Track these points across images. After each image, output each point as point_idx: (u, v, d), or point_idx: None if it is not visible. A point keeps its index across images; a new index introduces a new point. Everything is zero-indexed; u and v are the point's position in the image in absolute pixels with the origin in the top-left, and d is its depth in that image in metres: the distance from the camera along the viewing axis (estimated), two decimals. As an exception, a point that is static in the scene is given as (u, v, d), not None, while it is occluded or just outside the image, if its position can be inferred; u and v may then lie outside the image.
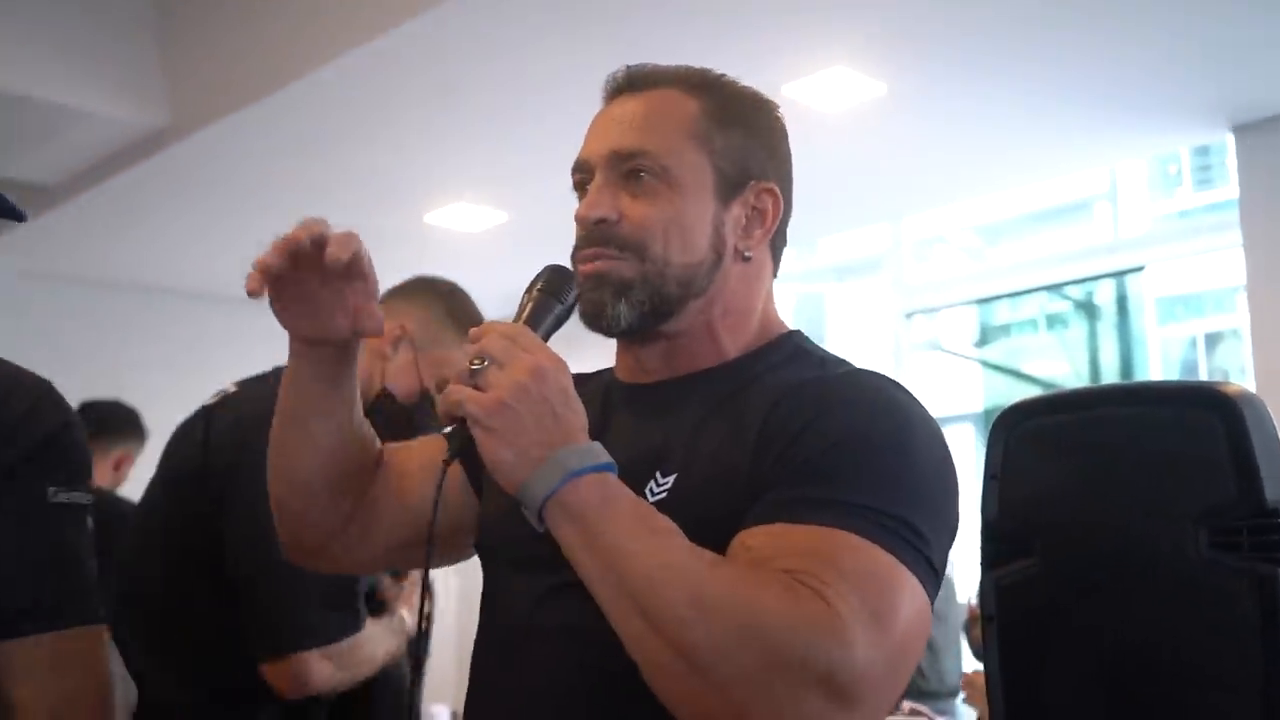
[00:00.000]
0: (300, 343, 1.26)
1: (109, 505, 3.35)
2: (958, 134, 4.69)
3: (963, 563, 4.31)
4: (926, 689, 4.45)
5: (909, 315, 6.30)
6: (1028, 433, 1.28)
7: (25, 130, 4.78)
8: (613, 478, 1.08)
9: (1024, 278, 6.21)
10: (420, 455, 1.38)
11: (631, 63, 1.36)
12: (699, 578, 1.01)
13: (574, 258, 1.26)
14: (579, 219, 1.25)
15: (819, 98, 4.28)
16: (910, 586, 1.05)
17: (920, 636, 1.07)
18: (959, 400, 8.07)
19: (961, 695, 2.16)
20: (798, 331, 1.33)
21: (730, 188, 1.26)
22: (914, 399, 1.19)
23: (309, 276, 1.19)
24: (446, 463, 1.12)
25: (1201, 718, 1.13)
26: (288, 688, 1.92)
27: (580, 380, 1.36)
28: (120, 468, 3.50)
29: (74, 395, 3.65)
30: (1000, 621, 1.26)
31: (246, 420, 2.02)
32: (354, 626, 1.93)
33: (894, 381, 1.20)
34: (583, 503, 1.05)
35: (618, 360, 1.34)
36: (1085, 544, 1.22)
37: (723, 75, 1.34)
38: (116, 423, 3.51)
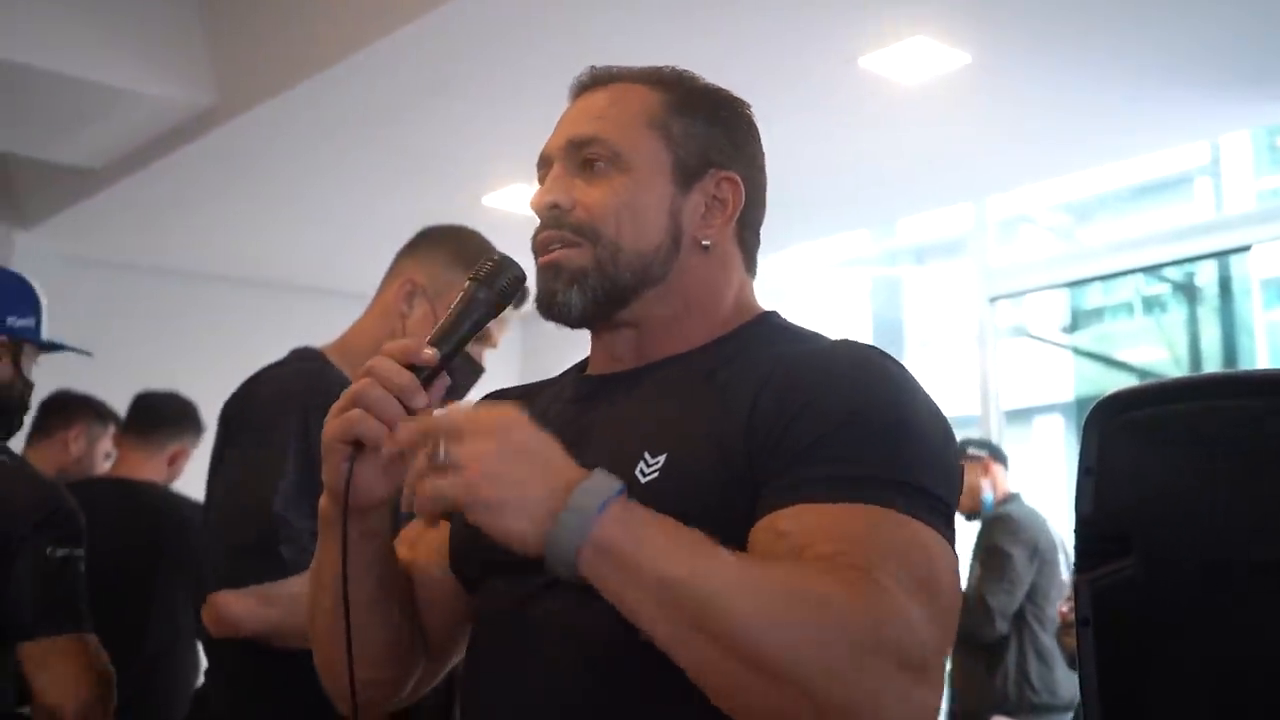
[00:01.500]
0: (360, 518, 1.21)
1: (163, 501, 3.40)
2: (1046, 106, 4.62)
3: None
4: (1037, 702, 4.30)
5: (994, 300, 6.22)
6: (1127, 424, 1.26)
7: (71, 112, 4.86)
8: (628, 502, 1.07)
9: (1118, 259, 6.11)
10: (424, 544, 1.39)
11: (695, 39, 1.38)
12: (756, 587, 1.03)
13: (532, 247, 1.31)
14: (533, 207, 1.31)
15: (898, 70, 4.23)
16: (942, 548, 1.12)
17: (959, 594, 1.14)
18: (1048, 389, 7.98)
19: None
20: (774, 312, 1.37)
21: (689, 175, 1.30)
22: (899, 364, 1.23)
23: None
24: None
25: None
26: (215, 628, 2.00)
27: (538, 388, 1.42)
28: (175, 462, 3.55)
29: (121, 382, 3.71)
30: (1096, 626, 1.24)
31: (250, 394, 2.15)
32: (275, 572, 1.95)
33: (879, 350, 1.24)
34: (614, 541, 1.03)
35: (592, 354, 1.38)
36: (1190, 545, 1.19)
37: (689, 73, 1.37)
38: (173, 416, 3.55)
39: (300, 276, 6.56)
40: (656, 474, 1.18)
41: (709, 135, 1.32)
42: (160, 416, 3.52)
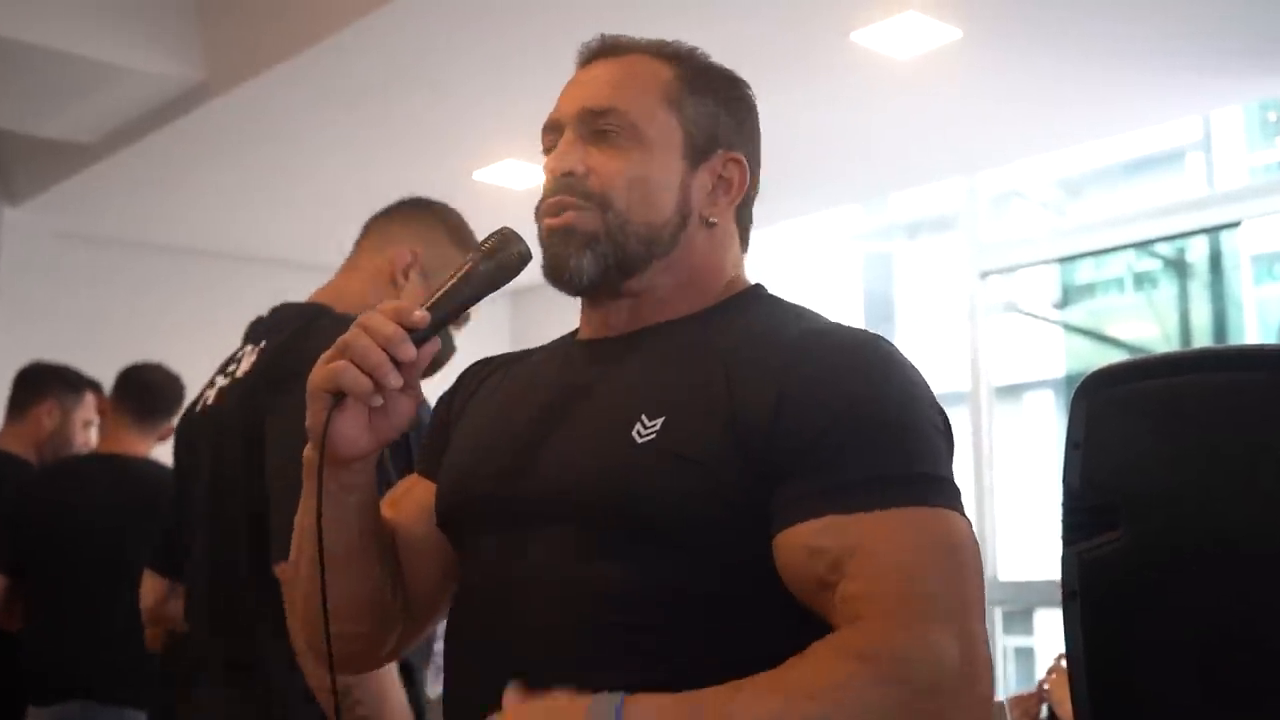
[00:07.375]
0: (341, 469, 1.24)
1: (164, 480, 3.35)
2: (1037, 81, 4.62)
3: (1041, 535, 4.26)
4: None
5: (985, 275, 6.23)
6: (1114, 399, 1.26)
7: (62, 87, 4.84)
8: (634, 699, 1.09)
9: (1109, 235, 6.11)
10: (408, 504, 1.41)
11: (691, 12, 1.41)
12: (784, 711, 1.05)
13: (539, 210, 1.32)
14: (548, 171, 1.32)
15: (889, 44, 4.23)
16: (960, 525, 1.18)
17: (979, 563, 1.19)
18: (1038, 365, 7.99)
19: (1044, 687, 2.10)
20: (760, 285, 1.40)
21: (698, 153, 1.34)
22: (888, 341, 1.28)
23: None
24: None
25: (1302, 703, 1.11)
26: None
27: (524, 354, 1.44)
28: (164, 438, 3.51)
29: (112, 358, 3.67)
30: (1084, 598, 1.25)
31: (304, 350, 2.03)
32: None
33: (872, 334, 1.28)
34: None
35: (582, 320, 1.39)
36: (1177, 517, 1.20)
37: (695, 48, 1.40)
38: (172, 397, 3.44)
39: (290, 251, 6.53)
40: (654, 435, 1.21)
41: (718, 115, 1.36)
42: (159, 398, 3.45)
